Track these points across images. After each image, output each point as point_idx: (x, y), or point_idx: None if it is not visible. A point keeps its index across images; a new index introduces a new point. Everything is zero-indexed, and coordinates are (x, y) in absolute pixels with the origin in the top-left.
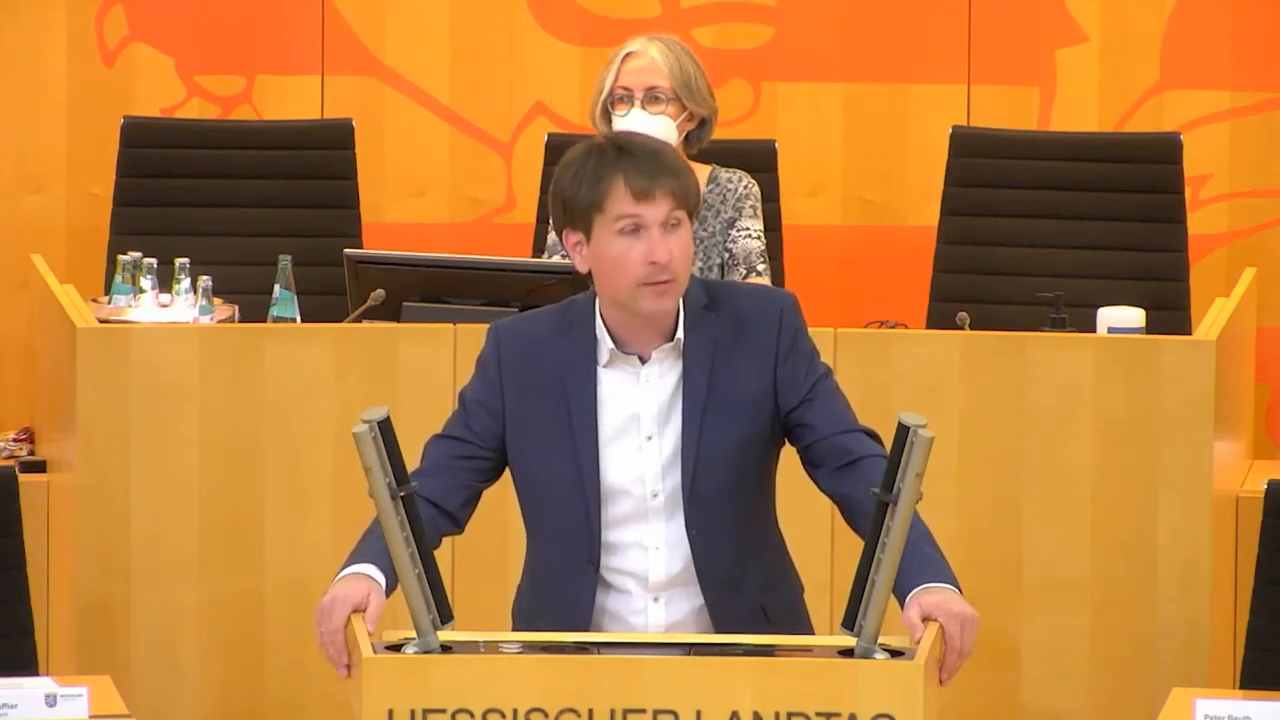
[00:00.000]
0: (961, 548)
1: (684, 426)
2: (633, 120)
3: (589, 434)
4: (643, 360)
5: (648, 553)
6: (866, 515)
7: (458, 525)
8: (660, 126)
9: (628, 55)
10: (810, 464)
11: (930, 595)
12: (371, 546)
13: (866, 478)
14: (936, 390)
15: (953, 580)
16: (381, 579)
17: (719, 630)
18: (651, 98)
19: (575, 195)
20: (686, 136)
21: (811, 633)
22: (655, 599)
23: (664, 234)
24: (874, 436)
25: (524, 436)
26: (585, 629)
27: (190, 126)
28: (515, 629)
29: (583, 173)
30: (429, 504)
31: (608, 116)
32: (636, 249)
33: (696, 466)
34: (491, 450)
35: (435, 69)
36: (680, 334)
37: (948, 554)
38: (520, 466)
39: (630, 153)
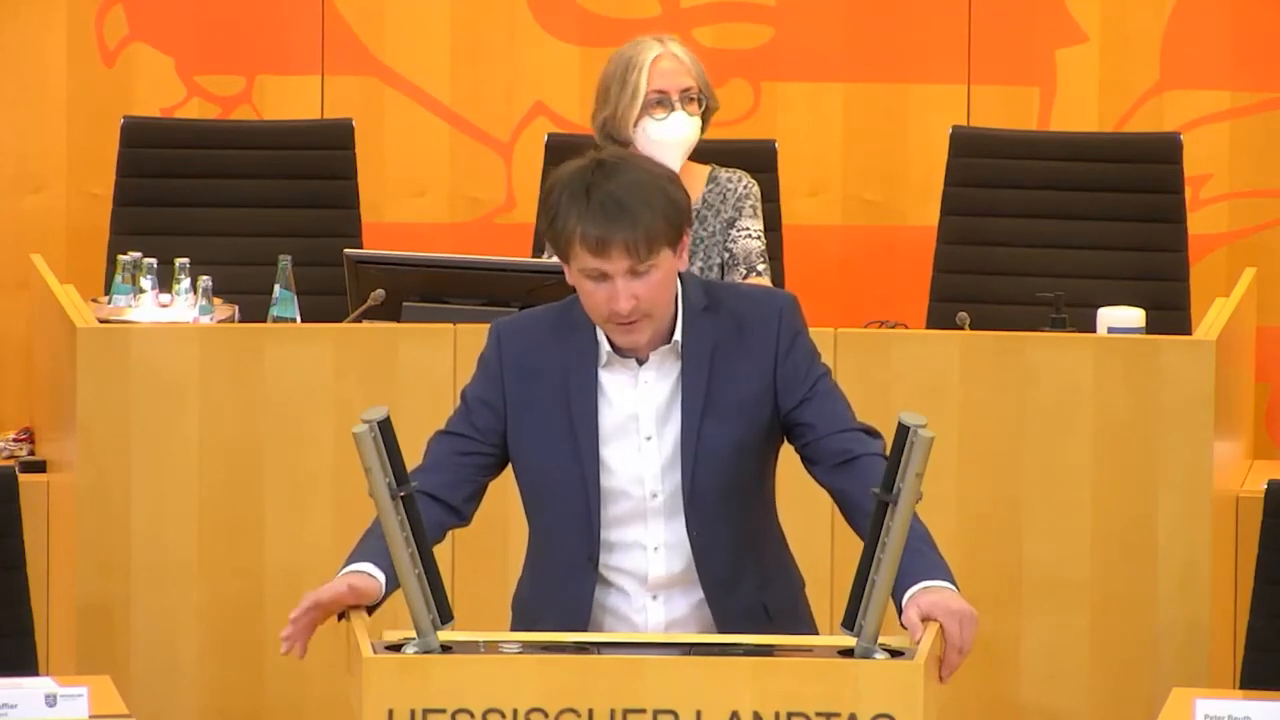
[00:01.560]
0: (961, 548)
1: (683, 428)
2: (674, 123)
3: (590, 433)
4: (640, 362)
5: (647, 553)
6: (864, 513)
7: (463, 519)
8: (695, 127)
9: (656, 58)
10: (808, 461)
11: (928, 594)
12: (371, 546)
13: (864, 476)
14: (936, 390)
15: (951, 580)
16: (381, 577)
17: (719, 628)
18: (687, 99)
19: (547, 229)
20: None
21: (813, 628)
22: (654, 597)
23: (630, 280)
24: (873, 434)
25: (526, 434)
26: (584, 626)
27: (190, 126)
28: (514, 622)
29: (555, 208)
30: (433, 499)
31: (633, 124)
32: (601, 293)
33: (695, 468)
34: (493, 446)
35: (435, 69)
36: (678, 335)
37: (947, 554)
38: (522, 463)
39: (595, 197)
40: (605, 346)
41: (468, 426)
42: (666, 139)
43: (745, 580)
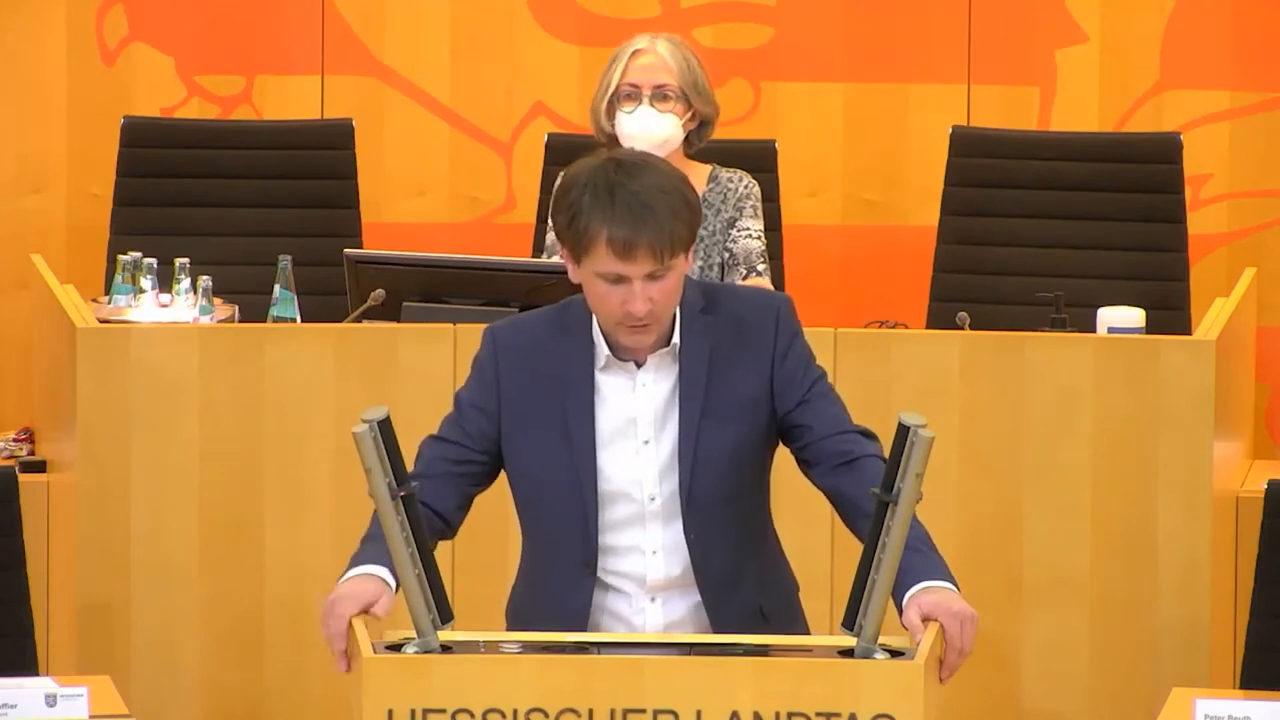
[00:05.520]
0: (961, 548)
1: (681, 430)
2: (641, 117)
3: (586, 437)
4: (639, 365)
5: (645, 556)
6: (863, 514)
7: (450, 529)
8: (667, 125)
9: (635, 52)
10: (805, 464)
11: (929, 595)
12: (378, 548)
13: (863, 477)
14: (936, 390)
15: (951, 580)
16: (392, 581)
17: (716, 630)
18: (660, 95)
19: (564, 228)
20: (686, 136)
21: (807, 631)
22: (652, 599)
23: (647, 283)
24: (870, 436)
25: (520, 438)
26: (582, 629)
27: (190, 126)
28: (510, 628)
29: (576, 207)
30: (422, 506)
31: (611, 114)
32: (616, 294)
33: (694, 470)
34: (485, 453)
35: (435, 69)
36: (677, 339)
37: (948, 554)
38: (517, 468)
39: (620, 199)
40: (604, 349)
41: (460, 433)
42: (631, 132)
43: (744, 582)
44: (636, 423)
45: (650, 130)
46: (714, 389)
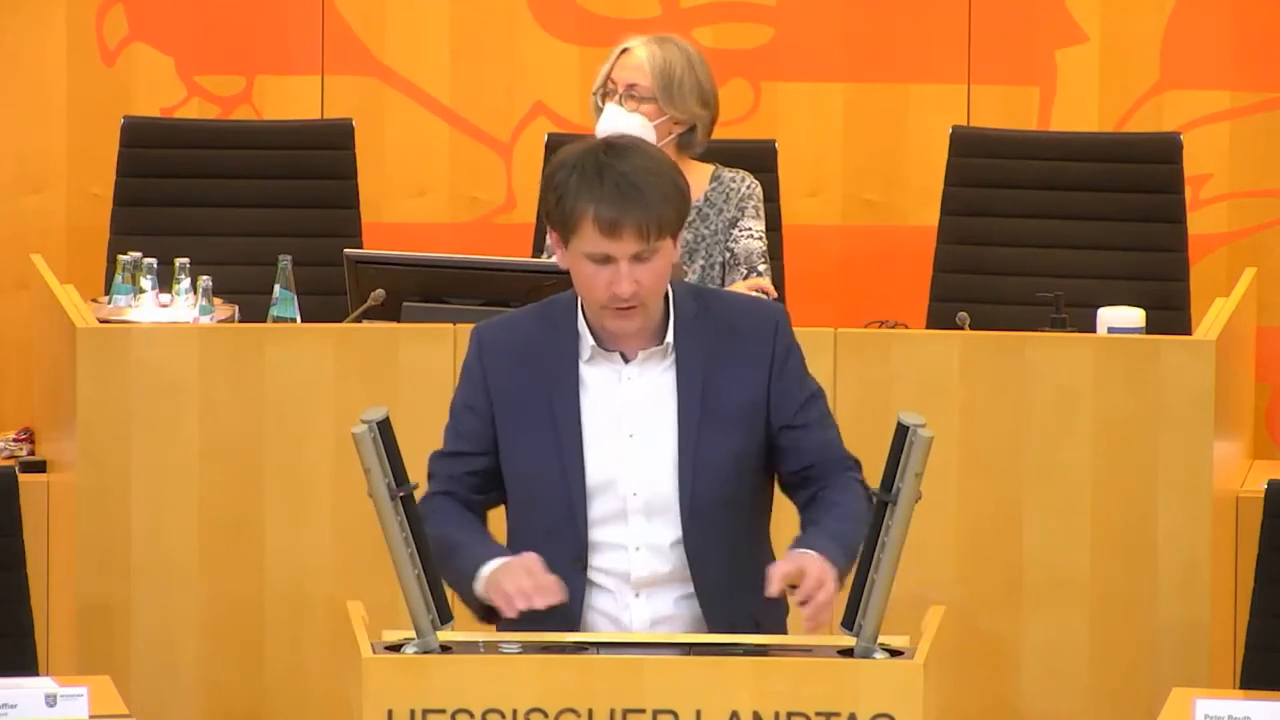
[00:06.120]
0: (961, 548)
1: (681, 435)
2: (609, 113)
3: (572, 431)
4: (626, 359)
5: (629, 553)
6: (825, 504)
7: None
8: (635, 123)
9: (623, 51)
10: (788, 487)
11: (793, 560)
12: (479, 542)
13: (838, 484)
14: (936, 390)
15: (840, 554)
16: None
17: (711, 630)
18: (630, 95)
19: (553, 208)
20: (682, 138)
21: None
22: (637, 594)
23: (633, 264)
24: (856, 464)
25: (510, 435)
26: (572, 627)
27: (190, 126)
28: (498, 626)
29: (564, 187)
30: (454, 500)
31: (599, 110)
32: (603, 275)
33: (695, 476)
34: (487, 453)
35: (435, 69)
36: (670, 338)
37: (947, 554)
38: (507, 465)
39: (608, 179)
40: (588, 340)
41: (460, 440)
42: (599, 128)
43: (740, 588)
44: (620, 417)
45: (616, 126)
46: (710, 393)
